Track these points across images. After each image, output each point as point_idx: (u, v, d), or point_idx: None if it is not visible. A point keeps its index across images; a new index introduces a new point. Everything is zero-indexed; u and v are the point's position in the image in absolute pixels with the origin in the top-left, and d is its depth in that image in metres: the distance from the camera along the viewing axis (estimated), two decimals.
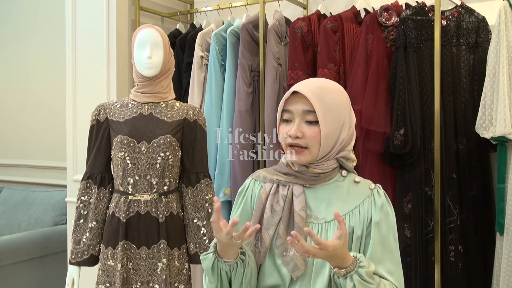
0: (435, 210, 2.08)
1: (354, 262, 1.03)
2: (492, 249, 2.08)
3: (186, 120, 1.79)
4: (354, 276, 1.01)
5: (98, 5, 2.66)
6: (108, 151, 1.79)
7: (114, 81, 2.62)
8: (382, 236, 1.10)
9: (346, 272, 1.02)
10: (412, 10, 2.20)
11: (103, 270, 1.74)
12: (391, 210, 1.14)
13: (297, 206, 1.13)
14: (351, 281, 1.01)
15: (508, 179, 2.00)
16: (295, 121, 1.11)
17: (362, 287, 1.01)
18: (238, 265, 1.11)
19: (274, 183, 1.18)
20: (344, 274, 1.02)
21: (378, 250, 1.09)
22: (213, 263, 1.11)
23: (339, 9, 2.52)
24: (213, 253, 1.12)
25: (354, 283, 1.01)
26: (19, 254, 2.90)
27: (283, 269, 1.13)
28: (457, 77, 2.16)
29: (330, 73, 2.26)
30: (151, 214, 1.72)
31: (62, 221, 3.23)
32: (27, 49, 3.85)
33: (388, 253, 1.10)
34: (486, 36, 2.16)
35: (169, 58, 1.77)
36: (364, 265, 1.02)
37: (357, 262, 1.03)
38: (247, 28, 2.49)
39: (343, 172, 1.18)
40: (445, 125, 2.13)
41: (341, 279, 1.02)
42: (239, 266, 1.11)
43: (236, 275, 1.11)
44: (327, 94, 1.11)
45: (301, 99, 1.11)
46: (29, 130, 3.85)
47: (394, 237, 1.13)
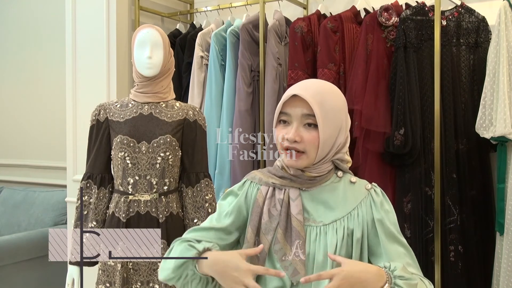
0: (435, 210, 2.08)
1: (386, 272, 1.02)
2: (492, 249, 2.08)
3: (186, 120, 1.79)
4: (397, 281, 1.01)
5: (98, 5, 2.66)
6: (108, 151, 1.79)
7: (114, 81, 2.62)
8: (389, 232, 1.10)
9: (389, 284, 1.00)
10: (412, 10, 2.20)
11: (103, 270, 1.75)
12: (390, 207, 1.14)
13: (294, 210, 1.12)
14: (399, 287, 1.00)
15: (508, 179, 2.00)
16: (293, 125, 1.09)
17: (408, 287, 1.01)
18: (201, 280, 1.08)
19: (270, 186, 1.16)
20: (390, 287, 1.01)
21: (391, 247, 1.09)
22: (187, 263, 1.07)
23: (339, 9, 2.52)
24: (198, 252, 1.08)
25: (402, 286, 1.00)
26: (19, 254, 2.89)
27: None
28: (457, 77, 2.16)
29: (330, 73, 2.26)
30: (151, 214, 1.72)
31: (62, 221, 3.23)
32: (27, 49, 3.85)
33: (402, 247, 1.11)
34: (486, 36, 2.16)
35: (169, 58, 1.77)
36: (394, 268, 1.02)
37: (386, 269, 1.02)
38: (247, 28, 2.49)
39: (338, 173, 1.17)
40: (445, 125, 2.13)
41: None
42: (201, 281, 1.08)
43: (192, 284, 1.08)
44: (327, 98, 1.10)
45: (301, 102, 1.09)
46: (29, 130, 3.85)
47: (399, 232, 1.13)
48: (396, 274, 1.01)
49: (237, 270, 1.01)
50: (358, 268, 1.00)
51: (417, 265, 1.12)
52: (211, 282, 1.09)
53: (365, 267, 1.02)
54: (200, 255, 1.07)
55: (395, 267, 1.02)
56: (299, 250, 1.09)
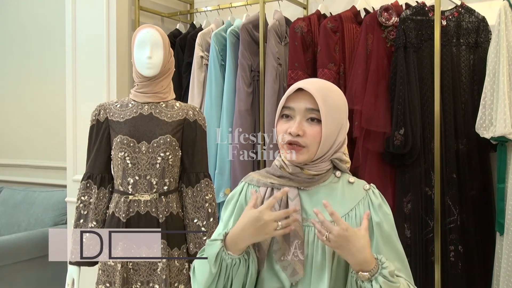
0: (435, 210, 2.08)
1: (377, 264, 1.02)
2: (492, 249, 2.08)
3: (186, 120, 1.79)
4: (379, 278, 1.00)
5: (98, 5, 2.66)
6: (108, 151, 1.79)
7: (114, 81, 2.62)
8: (385, 236, 1.10)
9: (370, 275, 1.00)
10: (412, 10, 2.20)
11: (103, 270, 1.74)
12: (388, 210, 1.14)
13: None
14: (377, 283, 1.00)
15: (508, 179, 2.00)
16: (296, 119, 1.10)
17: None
18: (241, 262, 1.08)
19: (268, 187, 1.16)
20: (369, 277, 1.00)
21: (384, 249, 1.09)
22: (219, 250, 1.08)
23: (339, 9, 2.52)
24: (221, 241, 1.09)
25: (381, 285, 0.99)
26: (19, 254, 2.90)
27: (282, 274, 1.11)
28: (457, 77, 2.16)
29: (330, 73, 2.26)
30: (151, 214, 1.72)
31: (62, 221, 3.23)
32: (27, 49, 3.85)
33: (394, 252, 1.10)
34: (486, 36, 2.16)
35: (169, 58, 1.77)
36: (386, 266, 1.02)
37: (379, 263, 1.02)
38: (247, 28, 2.49)
39: (337, 173, 1.17)
40: (445, 125, 2.13)
41: (366, 283, 1.01)
42: (241, 263, 1.09)
43: (237, 273, 1.09)
44: (330, 95, 1.11)
45: (305, 97, 1.09)
46: (29, 130, 3.85)
47: (396, 235, 1.12)
48: (382, 272, 1.01)
49: (258, 220, 1.04)
50: (358, 242, 1.01)
51: (408, 272, 1.11)
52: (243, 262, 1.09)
53: (363, 246, 1.01)
54: (222, 242, 1.09)
55: (387, 266, 1.02)
56: (298, 250, 1.09)
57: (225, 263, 1.08)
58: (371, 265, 1.01)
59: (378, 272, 1.01)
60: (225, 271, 1.09)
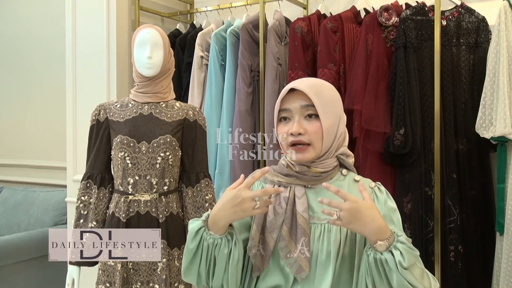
0: (435, 210, 2.08)
1: (392, 233, 1.02)
2: (492, 249, 2.08)
3: (186, 120, 1.79)
4: (398, 244, 0.99)
5: (98, 5, 2.66)
6: (108, 151, 1.79)
7: (114, 81, 2.62)
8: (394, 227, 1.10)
9: (388, 243, 1.00)
10: (412, 10, 2.20)
11: (103, 270, 1.75)
12: (394, 205, 1.15)
13: (299, 207, 1.12)
14: (397, 250, 0.99)
15: (508, 179, 2.00)
16: (295, 118, 1.12)
17: (409, 255, 0.99)
18: (223, 242, 1.09)
19: (275, 185, 1.17)
20: (387, 246, 0.99)
21: None
22: (200, 228, 1.10)
23: (339, 9, 2.52)
24: (203, 221, 1.11)
25: (401, 251, 0.98)
26: (19, 254, 2.89)
27: (286, 269, 1.12)
28: (457, 77, 2.16)
29: (330, 73, 2.26)
30: (151, 214, 1.72)
31: (62, 221, 3.22)
32: (27, 50, 3.85)
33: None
34: (486, 36, 2.16)
35: (169, 58, 1.77)
36: (401, 234, 1.02)
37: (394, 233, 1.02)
38: (247, 28, 2.49)
39: (343, 171, 1.19)
40: (445, 125, 2.13)
41: (385, 254, 0.99)
42: (223, 243, 1.09)
43: (219, 254, 1.09)
44: (321, 90, 1.13)
45: (298, 96, 1.11)
46: (29, 130, 3.84)
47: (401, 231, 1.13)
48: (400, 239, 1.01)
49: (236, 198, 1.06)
50: (370, 211, 1.01)
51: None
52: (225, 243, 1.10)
53: (375, 214, 1.01)
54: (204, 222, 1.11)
55: (402, 234, 1.03)
56: (304, 247, 1.10)
57: (207, 243, 1.09)
58: (388, 233, 1.01)
59: (395, 240, 1.01)
60: (207, 252, 1.10)
